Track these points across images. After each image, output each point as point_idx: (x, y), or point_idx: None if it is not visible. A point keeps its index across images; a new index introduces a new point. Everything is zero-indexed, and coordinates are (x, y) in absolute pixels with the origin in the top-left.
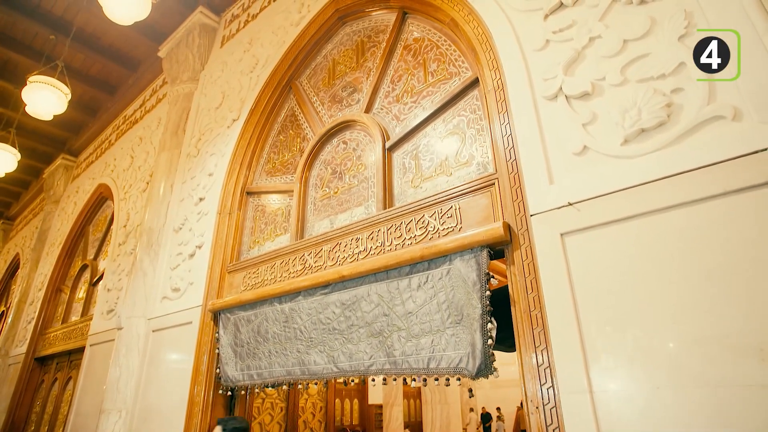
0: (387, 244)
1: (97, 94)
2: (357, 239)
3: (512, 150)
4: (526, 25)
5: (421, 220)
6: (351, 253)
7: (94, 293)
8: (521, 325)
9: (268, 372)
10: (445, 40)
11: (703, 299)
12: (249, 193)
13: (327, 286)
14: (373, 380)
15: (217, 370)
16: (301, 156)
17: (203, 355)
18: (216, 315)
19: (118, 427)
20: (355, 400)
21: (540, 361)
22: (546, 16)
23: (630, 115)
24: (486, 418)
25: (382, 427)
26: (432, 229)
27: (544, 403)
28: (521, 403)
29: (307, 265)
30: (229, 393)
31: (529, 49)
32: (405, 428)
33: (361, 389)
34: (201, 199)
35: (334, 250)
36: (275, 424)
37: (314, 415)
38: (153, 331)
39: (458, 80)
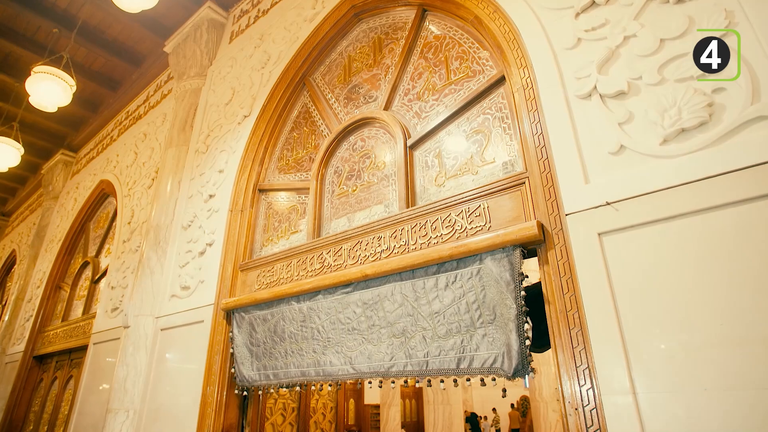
0: (411, 242)
1: (99, 89)
2: (379, 238)
3: (543, 149)
4: (556, 24)
5: (448, 219)
6: (373, 252)
7: (96, 291)
8: (557, 326)
9: (284, 372)
10: (467, 38)
11: (749, 300)
12: (261, 191)
13: (349, 285)
14: (393, 382)
15: (232, 370)
16: (317, 153)
17: (216, 355)
18: (229, 314)
19: (126, 426)
20: (351, 400)
21: (578, 362)
22: (577, 15)
23: (670, 114)
24: (473, 419)
25: (378, 427)
26: (459, 228)
27: (584, 405)
28: (512, 405)
29: (326, 264)
30: (244, 393)
31: (559, 48)
32: (402, 428)
33: (358, 389)
34: (211, 196)
35: (355, 249)
36: (287, 425)
37: (324, 416)
38: (161, 329)
39: (483, 78)
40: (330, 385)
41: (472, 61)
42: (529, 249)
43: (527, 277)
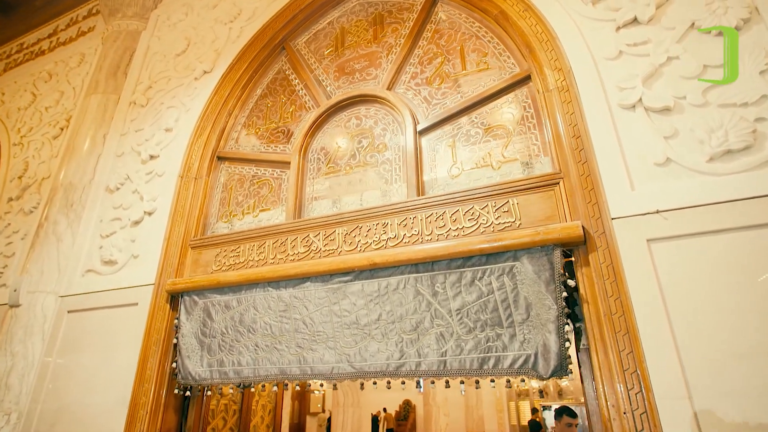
0: (426, 233)
1: None
2: (384, 224)
3: (583, 152)
4: (596, 33)
5: (471, 212)
6: (377, 239)
7: None
8: (597, 328)
9: (252, 370)
10: (486, 32)
11: None
12: (221, 158)
13: (348, 274)
14: (404, 383)
15: (174, 365)
16: (298, 125)
17: (154, 346)
18: (175, 297)
19: None
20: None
21: (626, 366)
22: (618, 28)
23: (717, 135)
24: (375, 420)
25: None
26: (485, 222)
27: (633, 409)
28: (384, 408)
29: (313, 248)
30: (184, 393)
31: (600, 57)
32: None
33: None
34: (152, 157)
35: (353, 234)
36: (228, 430)
37: (263, 419)
38: (69, 311)
39: (504, 74)
40: (322, 384)
41: (492, 55)
42: (565, 250)
43: (569, 278)
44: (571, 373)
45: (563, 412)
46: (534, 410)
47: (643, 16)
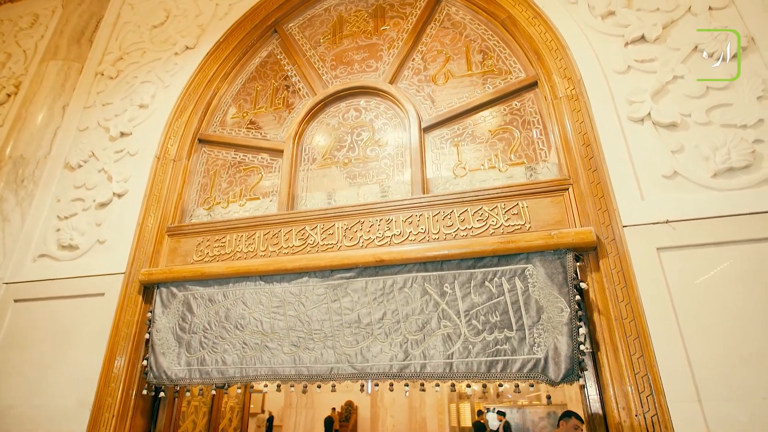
0: (433, 231)
1: None
2: (388, 220)
3: (592, 160)
4: (606, 46)
5: (479, 213)
6: (380, 236)
7: None
8: (608, 331)
9: (239, 369)
10: (491, 35)
11: None
12: (203, 141)
13: (351, 270)
14: (407, 386)
15: (144, 363)
16: (292, 112)
17: (123, 341)
18: (150, 288)
19: None
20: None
21: (637, 369)
22: (626, 44)
23: (720, 152)
24: (329, 422)
25: None
26: (494, 223)
27: (644, 412)
28: (333, 408)
29: (310, 242)
30: (156, 394)
31: (609, 69)
32: None
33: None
34: (123, 134)
35: (354, 229)
36: None
37: (231, 421)
38: (16, 300)
39: (511, 78)
40: (319, 386)
41: (498, 59)
42: (576, 254)
43: (582, 281)
44: (582, 376)
45: (572, 415)
46: (479, 412)
47: (650, 35)
